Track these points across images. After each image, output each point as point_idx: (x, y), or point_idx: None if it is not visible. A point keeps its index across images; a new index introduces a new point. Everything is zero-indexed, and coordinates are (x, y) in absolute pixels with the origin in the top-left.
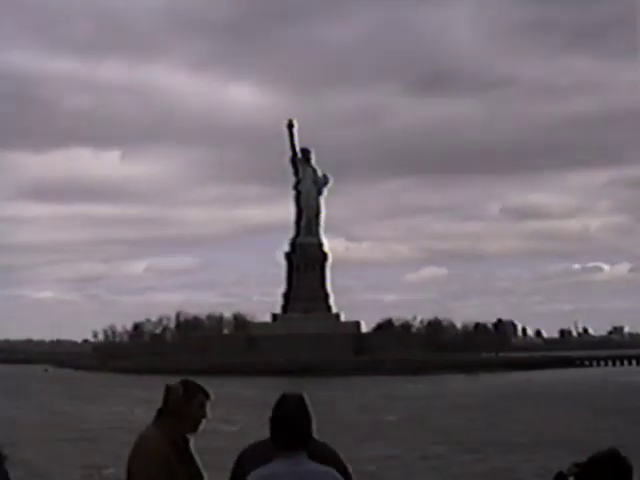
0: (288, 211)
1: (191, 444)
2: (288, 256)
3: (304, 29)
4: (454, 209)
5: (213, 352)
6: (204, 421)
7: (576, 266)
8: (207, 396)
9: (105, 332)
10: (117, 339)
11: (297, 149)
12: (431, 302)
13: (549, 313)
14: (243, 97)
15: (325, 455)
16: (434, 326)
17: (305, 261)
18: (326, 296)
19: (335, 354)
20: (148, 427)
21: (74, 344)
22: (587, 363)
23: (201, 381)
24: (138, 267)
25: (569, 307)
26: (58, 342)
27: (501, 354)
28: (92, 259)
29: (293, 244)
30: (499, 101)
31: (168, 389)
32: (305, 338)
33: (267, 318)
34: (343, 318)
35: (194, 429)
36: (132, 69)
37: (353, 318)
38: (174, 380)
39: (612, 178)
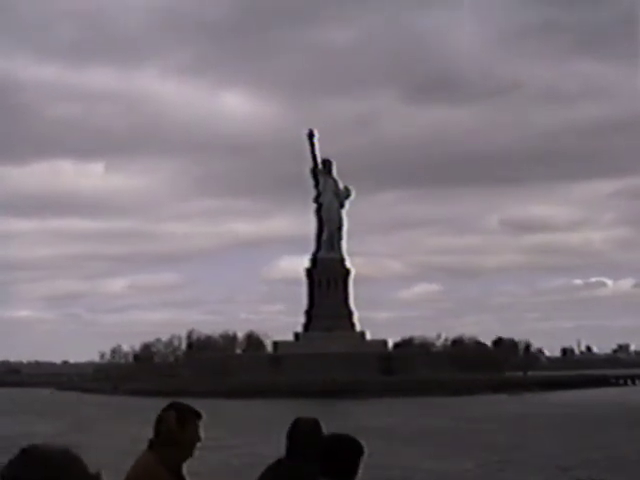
0: (279, 225)
1: (184, 469)
2: (309, 272)
3: (299, 33)
4: (451, 222)
5: (233, 373)
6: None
7: (578, 281)
8: (199, 417)
9: (112, 353)
10: (122, 360)
11: (318, 160)
12: (425, 319)
13: (550, 330)
14: (233, 105)
15: None
16: (458, 344)
17: (327, 277)
18: (350, 314)
19: (363, 374)
20: (144, 455)
21: (81, 365)
22: (622, 382)
23: (223, 404)
24: (119, 284)
25: (571, 324)
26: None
27: (530, 373)
28: (72, 276)
29: (314, 259)
30: (501, 108)
31: (160, 417)
32: (331, 358)
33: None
34: (368, 336)
35: (190, 454)
36: (118, 76)
37: None
38: (193, 402)
39: (617, 189)
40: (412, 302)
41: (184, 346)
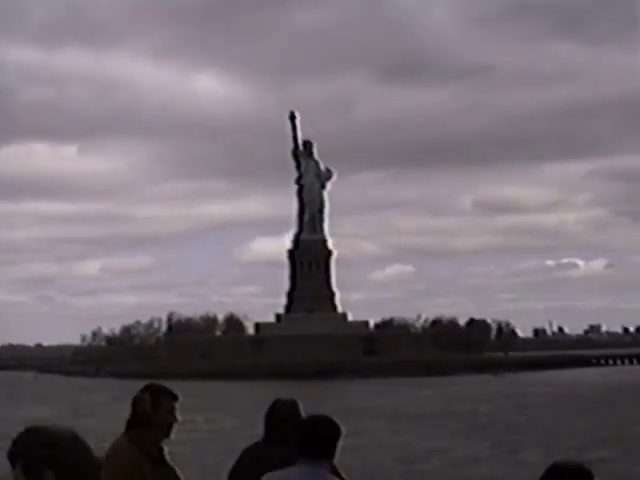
0: (253, 207)
1: (166, 452)
2: (291, 253)
3: (273, 15)
4: (424, 203)
5: (215, 355)
6: (176, 425)
7: (550, 262)
8: (175, 399)
9: (93, 336)
10: (102, 343)
11: (299, 141)
12: (397, 301)
13: (522, 311)
14: (208, 87)
15: None
16: (437, 325)
17: (309, 259)
18: (332, 295)
19: (346, 355)
20: (119, 438)
21: (57, 348)
22: (602, 362)
23: (206, 385)
24: (93, 267)
25: (542, 305)
26: (37, 347)
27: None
28: (44, 259)
29: (296, 241)
30: (476, 89)
31: (135, 399)
32: (313, 339)
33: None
34: (350, 317)
35: (166, 435)
36: (92, 58)
37: None
38: (176, 384)
39: (592, 170)
40: (386, 283)
41: (164, 328)
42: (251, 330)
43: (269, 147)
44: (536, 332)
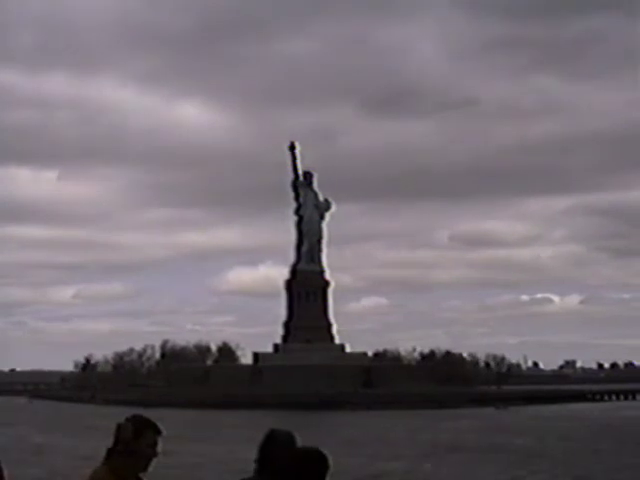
0: (231, 236)
1: None
2: (288, 283)
3: (259, 45)
4: (401, 236)
5: (214, 383)
6: (154, 460)
7: (524, 297)
8: (158, 432)
9: (86, 362)
10: (94, 370)
11: (299, 172)
12: (372, 333)
13: (496, 346)
14: (191, 115)
15: None
16: (438, 358)
17: (306, 289)
18: (329, 326)
19: (345, 386)
20: (99, 466)
21: (44, 374)
22: (598, 397)
23: (204, 414)
24: (67, 293)
25: (516, 340)
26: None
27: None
28: (20, 284)
29: (294, 271)
30: (458, 123)
31: (118, 427)
32: (312, 369)
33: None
34: (348, 349)
35: (144, 468)
36: (77, 83)
37: None
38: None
39: (570, 205)
40: (361, 315)
41: (157, 356)
42: (244, 360)
43: (250, 177)
44: (509, 367)
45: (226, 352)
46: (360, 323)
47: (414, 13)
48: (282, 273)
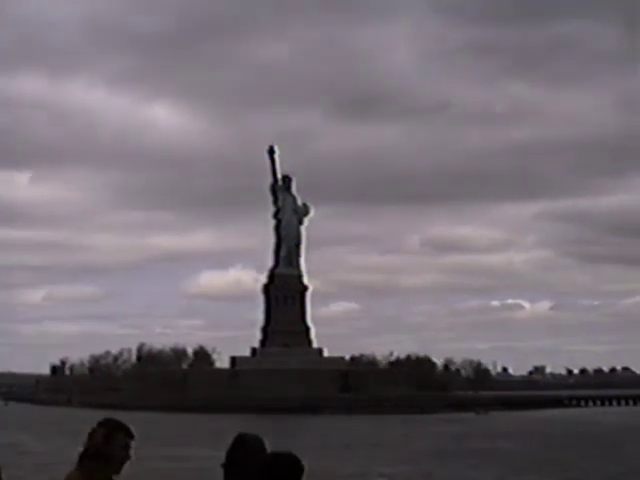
0: (201, 240)
1: None
2: (266, 287)
3: (232, 47)
4: (372, 241)
5: (191, 387)
6: (127, 462)
7: (495, 303)
8: (129, 435)
9: (61, 365)
10: (68, 372)
11: (278, 176)
12: (341, 338)
13: (465, 350)
14: (163, 117)
15: None
16: (413, 363)
17: (285, 293)
18: (307, 330)
19: (323, 391)
20: (71, 472)
21: (16, 377)
22: (574, 403)
23: (180, 418)
24: (37, 295)
25: (486, 345)
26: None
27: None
28: None
29: (272, 275)
30: (430, 127)
31: (90, 433)
32: (289, 374)
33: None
34: (326, 353)
35: (117, 471)
36: (48, 85)
37: None
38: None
39: (540, 211)
40: (330, 320)
41: (134, 359)
42: (220, 363)
43: (221, 180)
44: (477, 372)
45: (202, 356)
46: (330, 328)
47: (386, 17)
48: (253, 277)
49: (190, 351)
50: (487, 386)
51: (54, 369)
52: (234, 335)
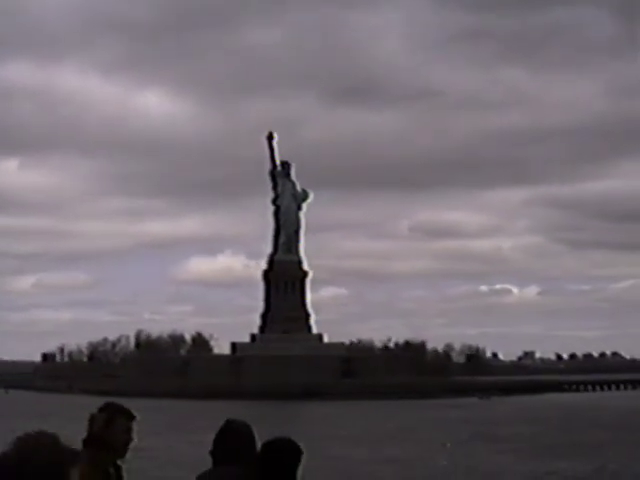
0: (191, 226)
1: (123, 470)
2: (265, 274)
3: (223, 34)
4: (361, 226)
5: (192, 373)
6: (131, 444)
7: (484, 288)
8: (131, 418)
9: (60, 351)
10: (66, 359)
11: (277, 162)
12: (331, 323)
13: (455, 336)
14: (154, 104)
15: None
16: (412, 348)
17: (284, 279)
18: (307, 316)
19: (324, 376)
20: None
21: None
22: (574, 387)
23: (183, 404)
24: (26, 282)
25: (476, 330)
26: None
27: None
28: None
29: (271, 262)
30: (422, 114)
31: (91, 417)
32: (290, 360)
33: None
34: (326, 339)
35: (121, 454)
36: (39, 72)
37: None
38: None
39: (531, 197)
40: (319, 306)
41: (132, 346)
42: (217, 350)
43: (211, 167)
44: (469, 357)
45: (200, 342)
46: (321, 314)
47: (379, 3)
48: (243, 263)
49: (188, 337)
50: (484, 371)
51: (45, 356)
52: (224, 322)
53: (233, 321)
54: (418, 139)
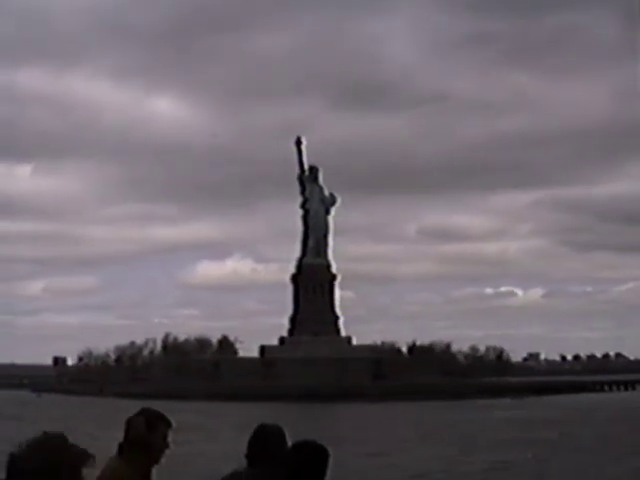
0: (200, 231)
1: (154, 475)
2: (294, 277)
3: (233, 39)
4: (368, 230)
5: (224, 376)
6: (166, 452)
7: (489, 290)
8: (169, 425)
9: (89, 354)
10: (92, 363)
11: (305, 166)
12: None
13: (460, 338)
14: (165, 110)
15: None
16: (440, 350)
17: (313, 283)
18: (336, 319)
19: (355, 379)
20: (113, 460)
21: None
22: (598, 388)
23: (218, 406)
24: (37, 287)
25: (481, 332)
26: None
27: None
28: None
29: (300, 265)
30: (427, 118)
31: (129, 422)
32: (320, 362)
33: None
34: (354, 342)
35: (157, 460)
36: (50, 78)
37: (257, 343)
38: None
39: (536, 200)
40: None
41: (159, 348)
42: (242, 353)
43: (221, 172)
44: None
45: (226, 345)
46: None
47: (384, 8)
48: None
49: (214, 341)
50: (509, 373)
51: (56, 360)
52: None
53: (246, 324)
54: (425, 143)
